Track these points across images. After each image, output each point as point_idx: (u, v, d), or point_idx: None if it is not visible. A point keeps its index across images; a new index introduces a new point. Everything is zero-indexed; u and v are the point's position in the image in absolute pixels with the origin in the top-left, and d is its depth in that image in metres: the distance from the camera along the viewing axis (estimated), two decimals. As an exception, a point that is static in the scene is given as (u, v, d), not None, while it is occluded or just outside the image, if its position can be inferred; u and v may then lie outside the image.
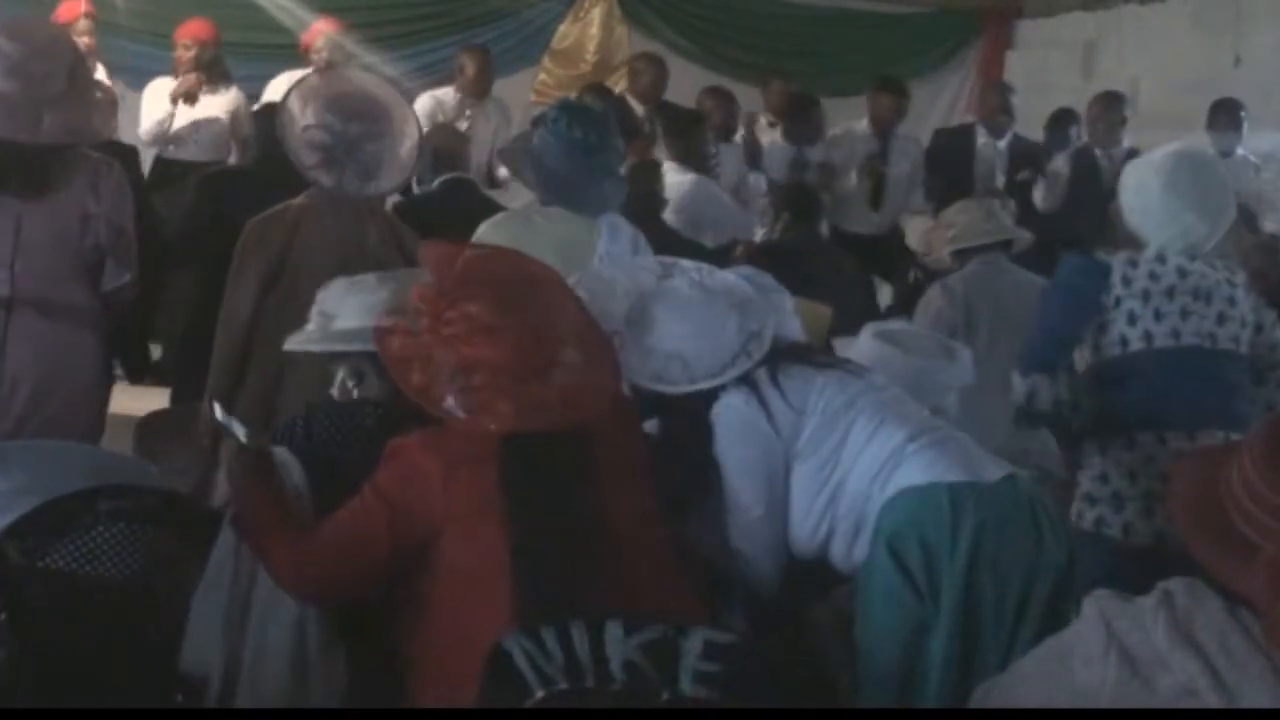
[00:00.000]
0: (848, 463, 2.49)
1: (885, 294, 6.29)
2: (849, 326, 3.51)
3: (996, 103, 7.08)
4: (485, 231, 3.33)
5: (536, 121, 3.74)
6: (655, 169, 5.05)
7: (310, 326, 2.70)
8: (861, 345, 2.99)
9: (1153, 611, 1.61)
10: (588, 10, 8.60)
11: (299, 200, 3.71)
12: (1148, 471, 3.23)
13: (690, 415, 2.54)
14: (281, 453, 2.50)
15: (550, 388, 2.25)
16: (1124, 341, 3.27)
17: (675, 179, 5.26)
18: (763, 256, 4.58)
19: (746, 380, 2.52)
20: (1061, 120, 6.92)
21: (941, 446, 2.49)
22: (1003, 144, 6.89)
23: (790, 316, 2.86)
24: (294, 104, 3.65)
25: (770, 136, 6.98)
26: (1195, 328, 3.27)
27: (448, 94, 6.44)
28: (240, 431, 2.42)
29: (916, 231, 6.69)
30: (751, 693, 2.08)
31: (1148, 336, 3.26)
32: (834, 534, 2.52)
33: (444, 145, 4.88)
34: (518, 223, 3.45)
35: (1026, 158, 6.69)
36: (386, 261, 3.37)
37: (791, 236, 4.95)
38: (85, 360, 3.51)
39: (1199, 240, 3.32)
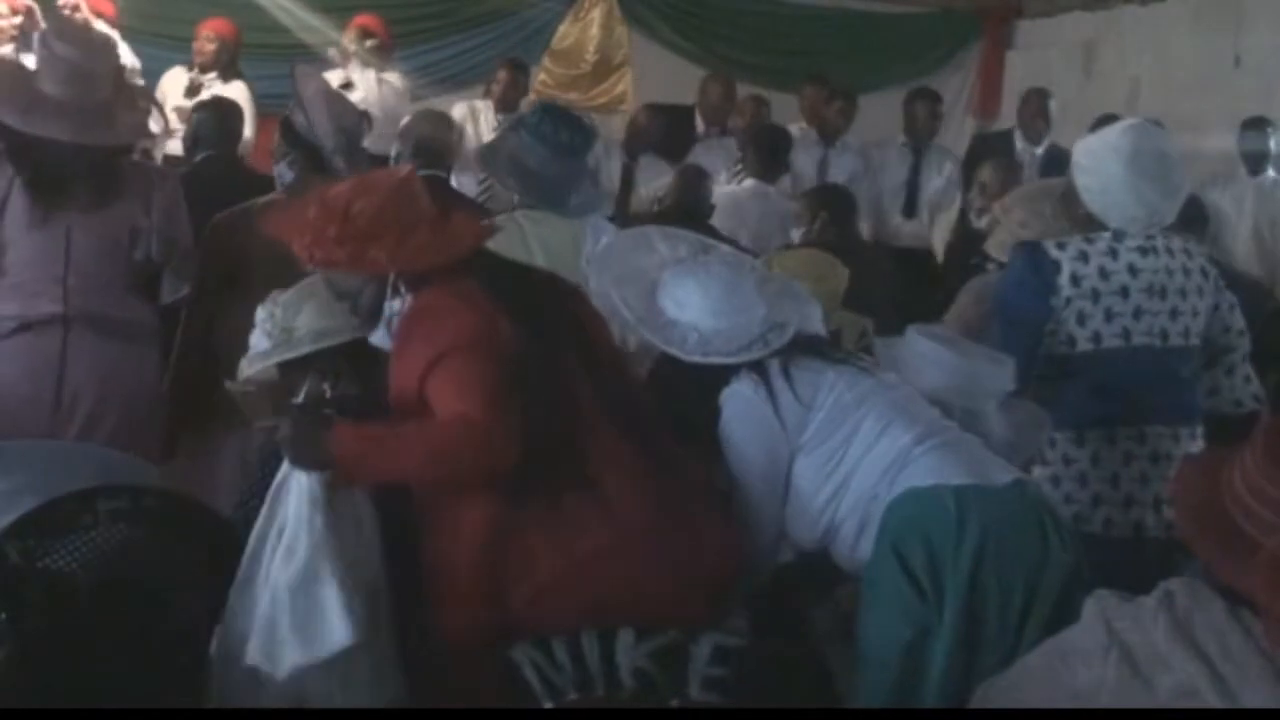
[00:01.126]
0: (854, 459, 2.49)
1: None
2: (888, 327, 3.48)
3: (1035, 107, 6.89)
4: None
5: (516, 124, 3.72)
6: (700, 174, 5.06)
7: (265, 345, 2.71)
8: (910, 343, 2.96)
9: (1153, 611, 1.61)
10: (588, 10, 8.59)
11: (264, 199, 3.75)
12: (1097, 472, 3.21)
13: (699, 388, 2.56)
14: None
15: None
16: (1071, 341, 3.22)
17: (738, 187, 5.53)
18: None
19: (758, 368, 2.54)
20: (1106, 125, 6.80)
21: (949, 449, 2.49)
22: (1039, 150, 6.79)
23: (818, 324, 2.88)
24: (325, 107, 3.68)
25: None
26: (1147, 326, 3.20)
27: (486, 105, 6.55)
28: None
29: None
30: (757, 695, 2.09)
31: (1096, 337, 3.20)
32: (838, 529, 2.52)
33: (425, 135, 4.50)
34: (508, 226, 3.47)
35: (1061, 167, 6.61)
36: None
37: (828, 237, 4.90)
38: (143, 375, 3.47)
39: (1161, 219, 3.24)
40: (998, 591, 2.37)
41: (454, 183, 4.74)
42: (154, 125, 3.50)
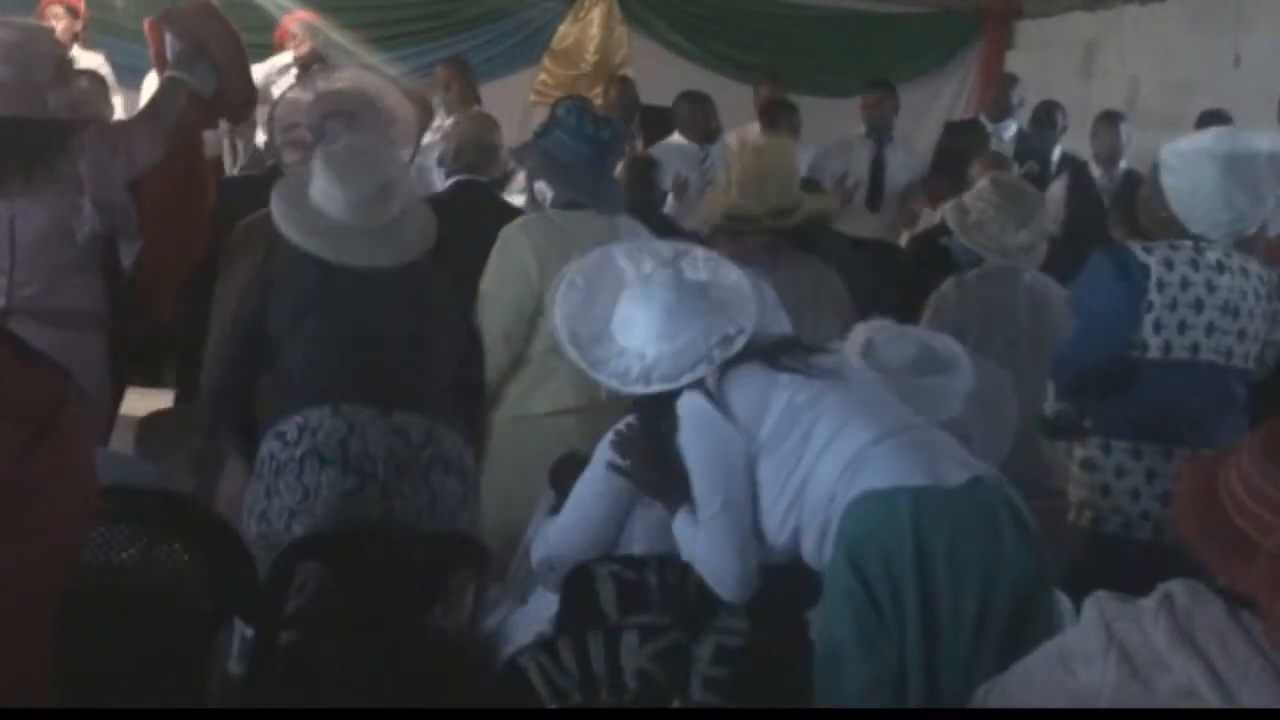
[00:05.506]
0: (809, 462, 2.45)
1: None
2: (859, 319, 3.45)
3: (1001, 90, 7.04)
4: (513, 233, 3.50)
5: (548, 119, 3.72)
6: (649, 164, 5.02)
7: None
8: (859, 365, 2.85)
9: (1153, 612, 1.61)
10: (588, 10, 8.61)
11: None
12: (1150, 489, 3.19)
13: (655, 413, 2.56)
14: None
15: None
16: (1143, 346, 3.20)
17: None
18: None
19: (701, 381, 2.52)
20: (1045, 114, 6.82)
21: (907, 449, 2.43)
22: (1008, 136, 6.83)
23: (777, 309, 2.89)
24: (281, 105, 3.67)
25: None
26: (1215, 344, 3.19)
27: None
28: None
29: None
30: (757, 695, 2.09)
31: (1166, 347, 3.18)
32: (802, 532, 2.48)
33: (468, 137, 4.51)
34: (544, 224, 3.53)
35: (1032, 152, 6.64)
36: None
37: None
38: (88, 365, 3.37)
39: (1245, 226, 3.22)
40: (951, 595, 2.33)
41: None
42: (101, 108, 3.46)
